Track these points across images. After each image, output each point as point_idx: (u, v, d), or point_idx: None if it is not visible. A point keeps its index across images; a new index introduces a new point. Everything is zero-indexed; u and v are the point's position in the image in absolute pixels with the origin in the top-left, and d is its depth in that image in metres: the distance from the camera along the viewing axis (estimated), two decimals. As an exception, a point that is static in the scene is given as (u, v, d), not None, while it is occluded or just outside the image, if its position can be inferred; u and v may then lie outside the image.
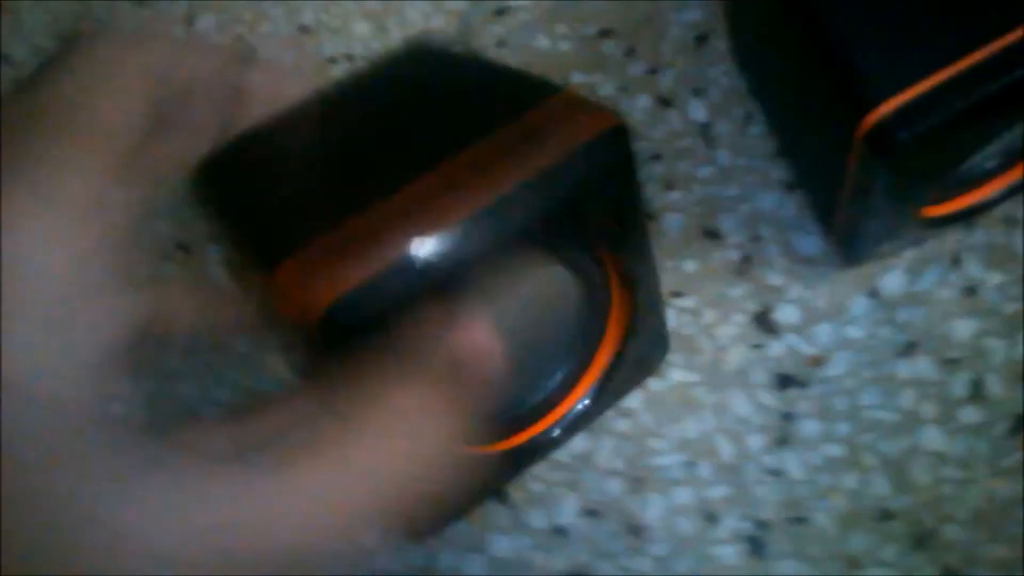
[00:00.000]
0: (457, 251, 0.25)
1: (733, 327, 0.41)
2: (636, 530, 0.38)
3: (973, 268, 0.40)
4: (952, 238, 0.40)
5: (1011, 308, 0.39)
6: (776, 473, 0.39)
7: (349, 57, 0.50)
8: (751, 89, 0.43)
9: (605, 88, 0.46)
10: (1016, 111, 0.32)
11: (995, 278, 0.39)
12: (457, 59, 0.34)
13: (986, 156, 0.36)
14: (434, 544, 0.39)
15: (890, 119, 0.29)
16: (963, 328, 0.39)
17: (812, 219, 0.41)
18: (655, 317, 0.37)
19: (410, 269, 0.25)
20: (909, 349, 0.39)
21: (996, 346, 0.39)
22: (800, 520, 0.38)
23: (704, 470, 0.39)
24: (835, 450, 0.38)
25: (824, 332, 0.40)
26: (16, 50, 0.53)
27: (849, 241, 0.38)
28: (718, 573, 0.38)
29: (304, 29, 0.51)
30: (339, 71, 0.50)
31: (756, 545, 0.38)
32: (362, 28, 0.50)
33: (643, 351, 0.37)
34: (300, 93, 0.28)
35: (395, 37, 0.49)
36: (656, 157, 0.44)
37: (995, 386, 0.38)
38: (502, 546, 0.39)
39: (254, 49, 0.51)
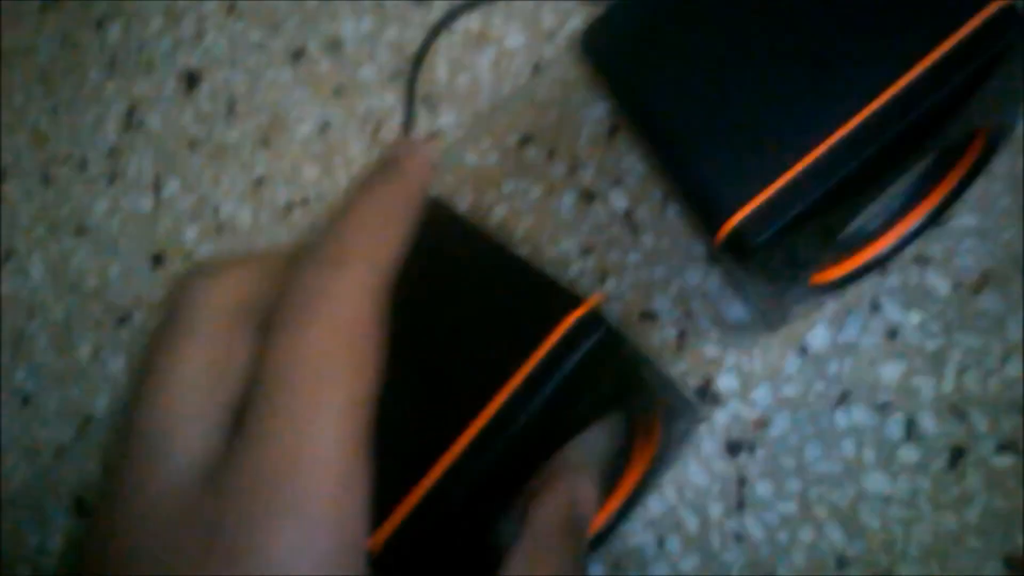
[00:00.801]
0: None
1: (681, 402, 0.43)
2: (617, 612, 0.41)
3: (892, 311, 0.42)
4: (868, 285, 0.42)
5: (932, 345, 0.41)
6: (738, 538, 0.41)
7: (304, 201, 0.54)
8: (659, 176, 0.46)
9: (534, 192, 0.49)
10: (869, 189, 0.34)
11: (914, 318, 0.41)
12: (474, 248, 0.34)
13: (868, 219, 0.38)
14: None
15: (742, 229, 0.32)
16: (890, 371, 0.41)
17: (734, 289, 0.44)
18: (681, 417, 0.39)
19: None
20: (843, 399, 0.41)
21: (923, 384, 0.41)
22: (767, 578, 0.40)
23: (673, 544, 0.42)
24: (788, 507, 0.41)
25: (763, 395, 0.42)
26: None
27: (764, 311, 0.41)
28: (698, 641, 0.40)
29: (259, 181, 0.55)
30: (297, 216, 0.54)
31: (728, 610, 0.40)
32: (311, 172, 0.54)
33: (673, 442, 0.40)
34: None
35: (341, 176, 0.53)
36: (587, 251, 0.47)
37: (928, 423, 0.40)
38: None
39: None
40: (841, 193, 0.32)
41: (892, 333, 0.41)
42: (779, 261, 0.34)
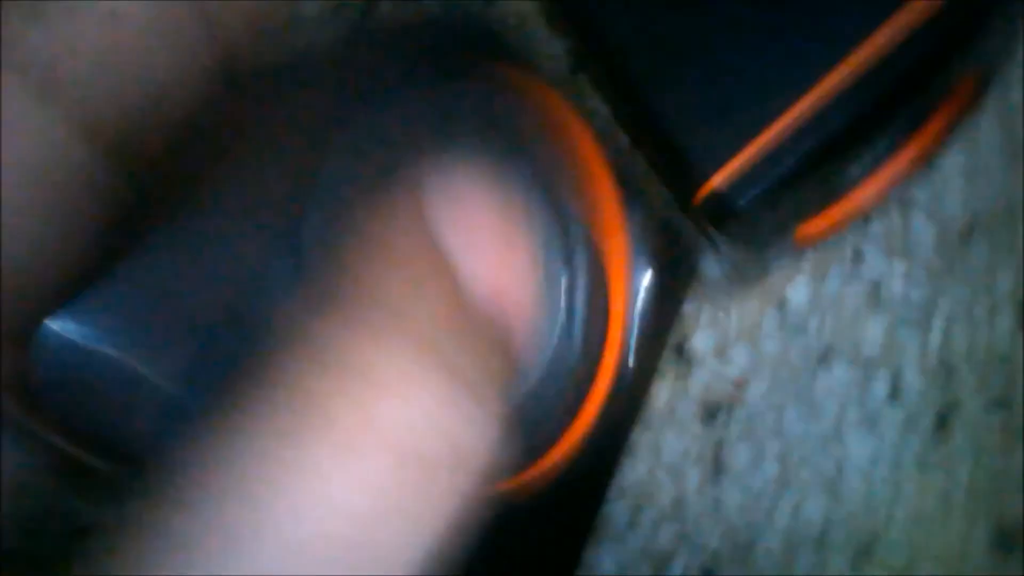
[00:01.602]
0: None
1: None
2: (593, 586, 0.39)
3: (875, 261, 0.39)
4: (850, 233, 0.39)
5: (918, 296, 0.39)
6: (717, 504, 0.39)
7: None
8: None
9: (490, 136, 0.45)
10: (868, 134, 0.31)
11: (899, 267, 0.39)
12: None
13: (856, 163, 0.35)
14: None
15: (721, 192, 0.29)
16: (874, 325, 0.39)
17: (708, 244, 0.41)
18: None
19: None
20: (825, 357, 0.39)
21: (909, 338, 0.38)
22: (748, 547, 0.38)
23: (649, 513, 0.40)
24: (770, 471, 0.39)
25: (741, 353, 0.40)
26: None
27: (741, 267, 0.38)
28: (678, 614, 0.38)
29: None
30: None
31: (709, 581, 0.38)
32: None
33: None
34: None
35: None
36: (551, 200, 0.44)
37: (914, 380, 0.38)
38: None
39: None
40: (834, 145, 0.29)
41: (875, 284, 0.39)
42: (763, 221, 0.31)
